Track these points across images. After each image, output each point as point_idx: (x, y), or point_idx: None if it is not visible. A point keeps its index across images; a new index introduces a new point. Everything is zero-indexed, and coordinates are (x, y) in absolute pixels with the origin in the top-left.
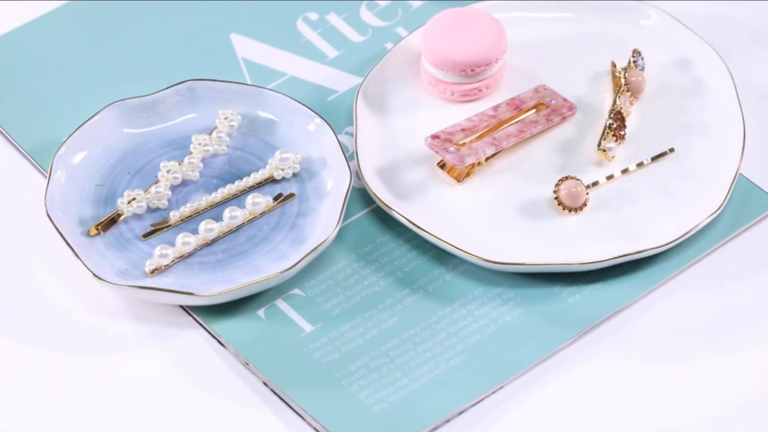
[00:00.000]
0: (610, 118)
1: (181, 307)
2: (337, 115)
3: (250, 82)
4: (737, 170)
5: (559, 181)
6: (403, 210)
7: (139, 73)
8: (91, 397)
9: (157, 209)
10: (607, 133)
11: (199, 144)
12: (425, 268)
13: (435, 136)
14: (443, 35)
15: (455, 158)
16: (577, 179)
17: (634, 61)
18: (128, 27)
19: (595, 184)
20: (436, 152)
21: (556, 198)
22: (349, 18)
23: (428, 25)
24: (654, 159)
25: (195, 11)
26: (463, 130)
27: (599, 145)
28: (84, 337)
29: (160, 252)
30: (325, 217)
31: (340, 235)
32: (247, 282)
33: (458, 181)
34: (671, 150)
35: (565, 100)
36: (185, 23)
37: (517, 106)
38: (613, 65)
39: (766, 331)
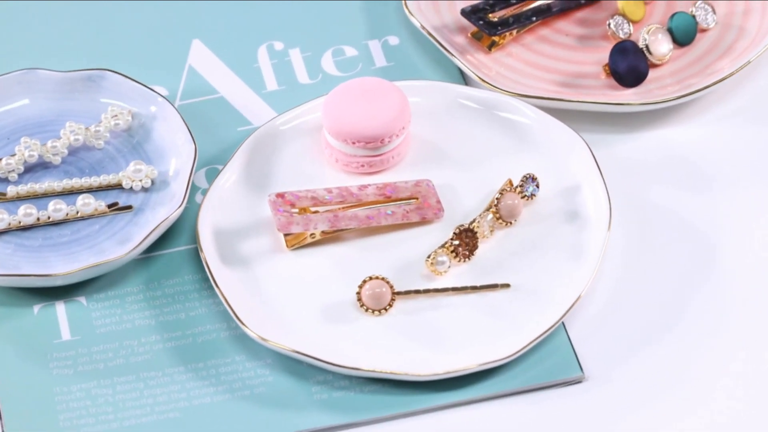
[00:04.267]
0: (454, 234)
1: None
2: (234, 149)
3: (180, 89)
4: (554, 325)
5: (367, 278)
6: (211, 257)
7: (87, 51)
8: None
9: (7, 180)
10: (446, 248)
11: (71, 131)
12: (209, 318)
13: (280, 195)
14: (343, 100)
15: (282, 222)
16: (387, 281)
17: (521, 185)
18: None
19: (408, 292)
20: (271, 210)
21: (357, 293)
22: (309, 58)
23: (340, 86)
24: (482, 288)
25: (174, 8)
26: (313, 198)
27: (429, 256)
28: None
29: None
30: (155, 230)
31: (153, 261)
32: (16, 273)
33: (287, 246)
34: (504, 286)
35: (438, 202)
36: (160, 18)
37: (385, 193)
38: (509, 183)
39: None
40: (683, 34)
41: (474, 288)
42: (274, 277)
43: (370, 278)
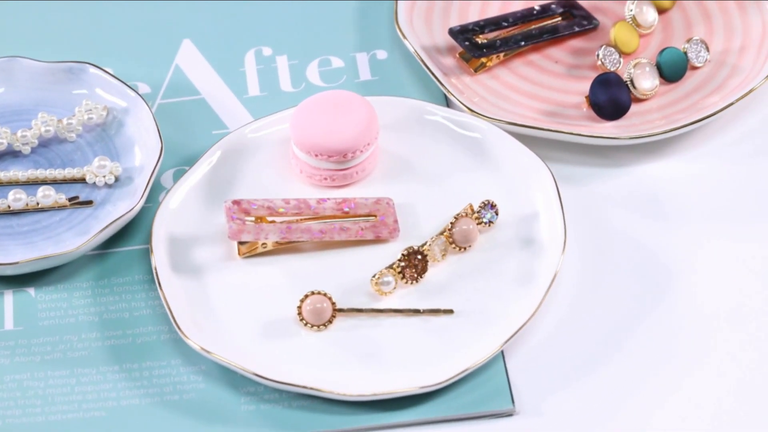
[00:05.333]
0: (402, 255)
1: None
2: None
3: (163, 88)
4: (491, 354)
5: (309, 293)
6: (160, 260)
7: (79, 43)
8: None
9: None
10: (393, 268)
11: (42, 122)
12: (152, 320)
13: (236, 202)
14: (312, 112)
15: (233, 229)
16: (328, 297)
17: (478, 211)
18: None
19: (349, 310)
20: (225, 217)
21: (298, 308)
22: (295, 66)
23: (311, 97)
24: (424, 312)
25: (168, 7)
26: (269, 208)
27: (374, 275)
28: None
29: None
30: (108, 227)
31: (107, 257)
32: None
33: (239, 254)
34: (447, 311)
35: (395, 221)
36: (153, 15)
37: (343, 208)
38: (470, 208)
39: None
40: (671, 71)
41: (416, 311)
42: (222, 285)
43: (312, 293)
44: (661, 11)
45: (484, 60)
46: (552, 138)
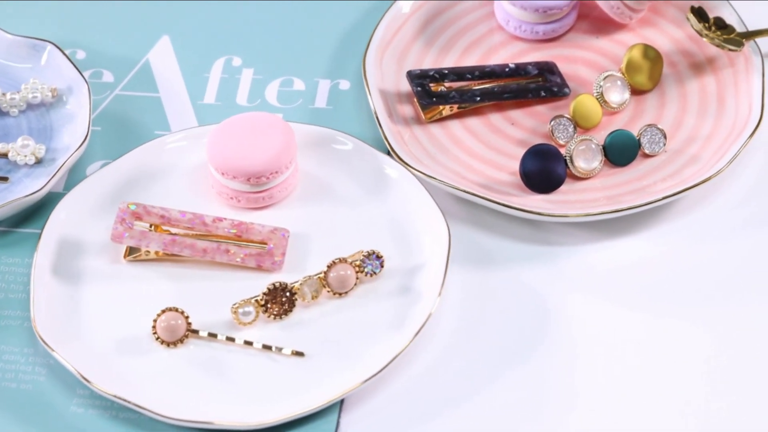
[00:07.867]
0: (267, 289)
1: None
2: None
3: (126, 80)
4: (325, 403)
5: (166, 308)
6: (44, 251)
7: (61, 21)
8: None
9: None
10: (257, 301)
11: None
12: (23, 305)
13: (134, 203)
14: (232, 130)
15: (117, 231)
16: (183, 314)
17: (362, 260)
18: None
19: (200, 333)
20: (116, 216)
21: (153, 322)
22: (258, 81)
23: (236, 116)
24: (272, 349)
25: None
26: (163, 217)
27: (234, 303)
28: None
29: None
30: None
31: (9, 235)
32: None
33: (124, 257)
34: (297, 353)
35: (282, 254)
36: (142, 7)
37: (236, 232)
38: (360, 253)
39: None
40: (617, 156)
41: (266, 347)
42: (98, 288)
43: (169, 309)
44: (638, 91)
45: (441, 108)
46: (476, 202)
